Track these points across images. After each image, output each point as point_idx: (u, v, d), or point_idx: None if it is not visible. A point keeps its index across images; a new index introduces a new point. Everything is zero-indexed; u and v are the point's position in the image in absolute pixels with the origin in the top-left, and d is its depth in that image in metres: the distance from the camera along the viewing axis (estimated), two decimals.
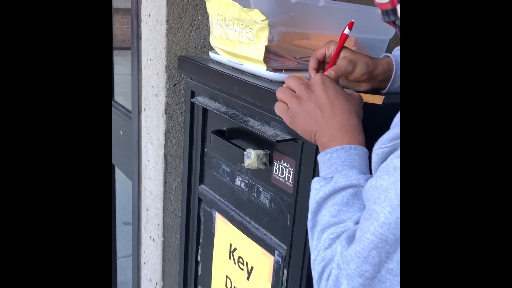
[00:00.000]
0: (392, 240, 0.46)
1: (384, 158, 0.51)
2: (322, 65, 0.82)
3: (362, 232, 0.50)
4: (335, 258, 0.53)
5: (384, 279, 0.48)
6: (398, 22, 0.61)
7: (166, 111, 1.13)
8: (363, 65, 0.77)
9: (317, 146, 0.67)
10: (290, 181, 0.82)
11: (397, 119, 0.52)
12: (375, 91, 0.82)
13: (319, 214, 0.58)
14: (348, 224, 0.54)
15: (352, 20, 0.80)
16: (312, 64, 0.81)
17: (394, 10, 0.59)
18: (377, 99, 0.75)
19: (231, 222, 0.98)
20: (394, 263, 0.47)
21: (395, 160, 0.48)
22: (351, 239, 0.51)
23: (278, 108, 0.69)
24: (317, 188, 0.60)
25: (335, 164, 0.60)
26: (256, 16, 0.83)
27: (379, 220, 0.47)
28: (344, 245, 0.52)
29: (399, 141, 0.49)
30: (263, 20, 0.82)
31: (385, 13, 0.62)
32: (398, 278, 0.47)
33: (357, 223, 0.55)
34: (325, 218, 0.57)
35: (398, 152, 0.49)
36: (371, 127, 0.65)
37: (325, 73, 0.76)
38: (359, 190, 0.58)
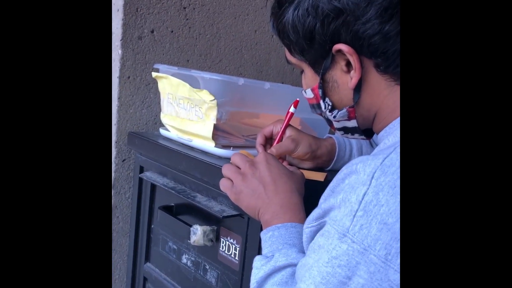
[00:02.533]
0: None
1: (312, 237, 0.53)
2: (269, 141, 0.86)
3: None
4: None
5: None
6: (324, 115, 0.66)
7: (114, 186, 1.11)
8: (306, 145, 0.81)
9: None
10: (237, 258, 0.81)
11: (322, 197, 0.54)
12: (318, 168, 0.85)
13: None
14: None
15: (298, 99, 0.85)
16: (260, 140, 0.84)
17: (318, 105, 0.64)
18: (319, 176, 0.78)
19: None
20: None
21: (319, 238, 0.50)
22: None
23: (223, 185, 0.70)
24: (258, 267, 0.60)
25: (276, 242, 0.61)
26: (205, 96, 0.86)
27: None
28: None
29: (324, 219, 0.51)
30: (212, 100, 0.86)
31: (312, 107, 0.67)
32: None
33: None
34: None
35: (322, 231, 0.51)
36: (313, 203, 0.67)
37: (267, 151, 0.79)
38: None
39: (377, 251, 0.45)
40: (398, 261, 0.44)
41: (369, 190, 0.46)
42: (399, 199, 0.45)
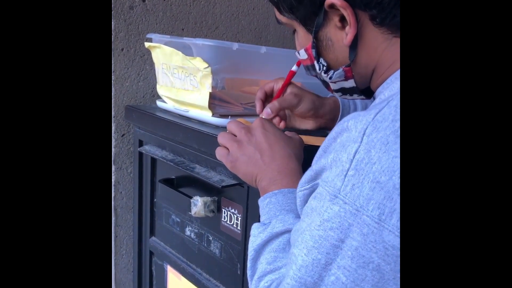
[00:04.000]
0: (311, 283, 0.45)
1: (305, 201, 0.51)
2: (270, 98, 0.83)
3: (284, 277, 0.48)
4: None
5: None
6: (319, 77, 0.62)
7: (114, 162, 1.10)
8: (309, 101, 0.78)
9: None
10: (239, 227, 0.79)
11: (315, 158, 0.52)
12: (321, 130, 0.82)
13: (257, 261, 0.56)
14: (283, 271, 0.52)
15: None
16: (260, 95, 0.82)
17: (313, 66, 0.61)
18: (319, 141, 0.75)
19: (182, 275, 0.94)
20: None
21: (312, 201, 0.48)
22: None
23: (219, 153, 0.68)
24: (255, 235, 0.58)
25: (274, 208, 0.59)
26: (199, 64, 0.83)
27: (297, 263, 0.46)
28: None
29: (317, 181, 0.49)
30: (206, 68, 0.83)
31: (307, 68, 0.63)
32: None
33: None
34: (262, 266, 0.55)
35: (315, 193, 0.48)
36: None
37: (269, 104, 0.77)
38: None
39: (370, 212, 0.42)
40: (392, 221, 0.41)
41: (360, 148, 0.43)
42: (392, 156, 0.42)
